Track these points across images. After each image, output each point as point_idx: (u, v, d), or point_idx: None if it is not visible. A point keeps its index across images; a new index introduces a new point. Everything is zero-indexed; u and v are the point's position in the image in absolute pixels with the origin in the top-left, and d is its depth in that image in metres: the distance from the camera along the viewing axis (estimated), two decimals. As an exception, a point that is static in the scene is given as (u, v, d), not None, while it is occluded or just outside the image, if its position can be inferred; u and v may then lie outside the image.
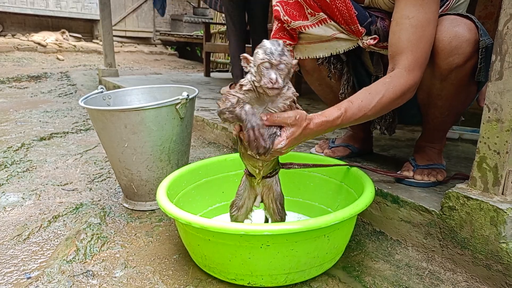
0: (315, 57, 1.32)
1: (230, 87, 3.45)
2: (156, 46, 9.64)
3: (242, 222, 1.17)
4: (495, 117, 1.00)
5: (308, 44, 1.30)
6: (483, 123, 1.02)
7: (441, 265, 1.12)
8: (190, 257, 1.19)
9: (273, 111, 0.95)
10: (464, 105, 1.25)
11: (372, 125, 1.51)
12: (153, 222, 1.45)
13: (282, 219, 1.16)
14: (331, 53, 1.28)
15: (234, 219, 1.18)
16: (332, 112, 1.01)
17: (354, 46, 1.23)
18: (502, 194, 1.02)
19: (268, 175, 1.12)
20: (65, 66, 6.56)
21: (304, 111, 0.98)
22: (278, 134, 0.94)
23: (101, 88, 1.64)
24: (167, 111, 1.40)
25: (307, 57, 1.33)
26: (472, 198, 1.03)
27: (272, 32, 1.34)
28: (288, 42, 1.30)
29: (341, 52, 1.27)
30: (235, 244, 0.97)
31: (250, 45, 3.60)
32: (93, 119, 1.47)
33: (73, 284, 1.08)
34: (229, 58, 3.50)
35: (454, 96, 1.18)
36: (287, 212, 1.43)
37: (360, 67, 1.42)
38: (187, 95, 1.42)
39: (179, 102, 1.40)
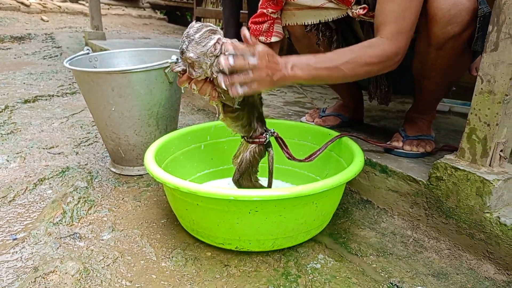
0: (303, 24, 1.29)
1: None
2: (144, 10, 9.33)
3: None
4: (488, 88, 0.99)
5: (297, 10, 1.27)
6: (475, 95, 1.02)
7: (425, 233, 1.15)
8: (178, 221, 1.19)
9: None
10: (458, 75, 1.24)
11: (370, 96, 1.49)
12: (141, 187, 1.45)
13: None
14: (319, 21, 1.26)
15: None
16: (308, 56, 1.03)
17: (343, 15, 1.21)
18: (489, 165, 1.03)
19: (251, 139, 1.12)
20: (49, 27, 6.33)
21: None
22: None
23: (87, 49, 1.58)
24: (156, 74, 1.37)
25: (295, 24, 1.30)
26: (459, 169, 1.03)
27: (260, 1, 1.30)
28: (271, 10, 1.28)
29: (329, 20, 1.24)
30: (223, 209, 0.97)
31: (246, 11, 3.51)
32: (79, 82, 1.43)
33: (60, 246, 1.08)
34: (221, 23, 3.40)
35: (449, 66, 1.16)
36: (275, 180, 1.44)
37: (351, 36, 1.39)
38: (177, 58, 1.37)
39: (168, 66, 1.36)
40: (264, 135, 1.13)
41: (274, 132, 1.16)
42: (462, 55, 1.14)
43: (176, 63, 1.00)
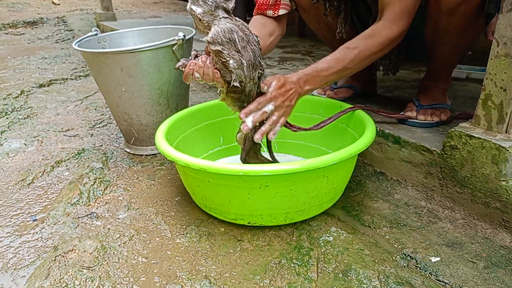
0: None
1: None
2: (154, -12, 9.22)
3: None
4: (504, 51, 0.95)
5: None
6: (491, 59, 0.98)
7: (439, 203, 1.13)
8: (191, 199, 1.20)
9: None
10: (472, 40, 1.19)
11: (375, 66, 1.45)
12: (155, 166, 1.46)
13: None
14: None
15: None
16: (313, 65, 1.07)
17: None
18: (506, 132, 1.00)
19: None
20: (61, 11, 6.34)
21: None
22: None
23: (95, 30, 1.58)
24: (164, 52, 1.36)
25: None
26: (474, 137, 1.01)
27: None
28: None
29: None
30: (234, 185, 0.98)
31: None
32: (89, 63, 1.43)
33: (78, 225, 1.11)
34: None
35: (462, 31, 1.12)
36: (287, 154, 1.43)
37: (360, 4, 1.34)
38: (184, 35, 1.36)
39: (176, 43, 1.35)
40: None
41: None
42: (475, 19, 1.09)
43: (179, 62, 1.03)
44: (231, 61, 0.94)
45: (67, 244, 1.03)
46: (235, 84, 0.97)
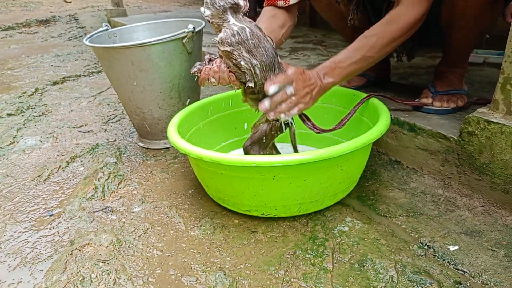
0: None
1: None
2: (164, -17, 9.22)
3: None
4: (523, 33, 0.92)
5: None
6: (510, 41, 0.94)
7: (457, 191, 1.11)
8: (205, 191, 1.20)
9: None
10: (489, 23, 1.15)
11: (396, 54, 1.42)
12: (168, 160, 1.47)
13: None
14: None
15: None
16: (334, 58, 1.04)
17: None
18: (526, 116, 0.96)
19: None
20: (73, 8, 6.40)
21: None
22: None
23: (106, 25, 1.58)
24: (174, 45, 1.35)
25: None
26: (493, 122, 0.98)
27: None
28: None
29: None
30: (247, 177, 0.97)
31: None
32: (100, 58, 1.44)
33: (93, 220, 1.12)
34: None
35: (479, 14, 1.08)
36: (302, 145, 1.41)
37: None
38: (193, 27, 1.35)
39: (185, 36, 1.34)
40: None
41: None
42: (492, 1, 1.06)
43: (193, 67, 1.03)
44: (242, 62, 0.93)
45: (83, 238, 1.04)
46: (250, 85, 0.96)
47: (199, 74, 1.01)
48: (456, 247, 0.93)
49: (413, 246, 0.94)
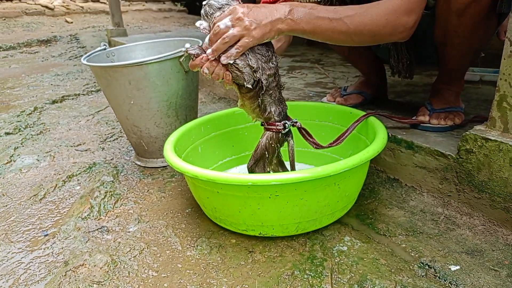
0: None
1: None
2: (164, 3, 9.38)
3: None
4: (518, 51, 0.92)
5: None
6: (504, 59, 0.95)
7: (457, 209, 1.10)
8: (202, 210, 1.19)
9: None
10: (484, 41, 1.16)
11: (392, 71, 1.41)
12: (165, 178, 1.46)
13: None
14: None
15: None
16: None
17: None
18: (524, 134, 0.96)
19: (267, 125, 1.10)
20: (74, 28, 6.48)
21: None
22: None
23: (104, 45, 1.60)
24: (171, 64, 1.36)
25: None
26: (490, 140, 0.97)
27: None
28: None
29: None
30: (243, 195, 0.96)
31: None
32: (97, 77, 1.44)
33: (88, 240, 1.10)
34: None
35: (473, 32, 1.09)
36: (299, 163, 1.41)
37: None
38: (190, 46, 1.36)
39: (182, 55, 1.35)
40: (282, 122, 1.08)
41: (296, 122, 1.10)
42: (486, 19, 1.07)
43: (191, 47, 1.02)
44: (238, 61, 0.94)
45: (77, 258, 1.02)
46: (248, 86, 0.97)
47: (193, 58, 0.99)
48: (458, 267, 0.91)
49: (413, 266, 0.92)
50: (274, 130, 1.08)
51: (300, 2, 1.04)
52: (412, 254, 0.97)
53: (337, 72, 2.30)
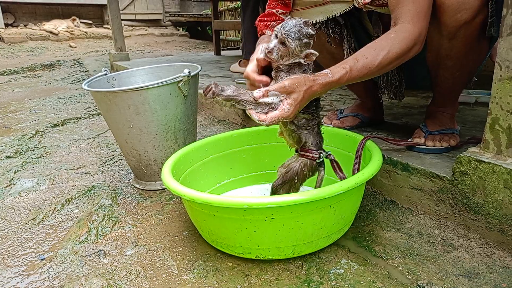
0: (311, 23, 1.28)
1: (239, 64, 3.40)
2: (166, 28, 9.58)
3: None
4: (507, 75, 0.94)
5: (304, 9, 1.25)
6: (495, 82, 0.97)
7: (454, 231, 1.09)
8: (199, 233, 1.19)
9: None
10: (476, 64, 1.19)
11: (380, 91, 1.45)
12: (163, 201, 1.46)
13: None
14: (327, 17, 1.24)
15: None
16: (337, 71, 0.97)
17: (350, 7, 1.18)
18: (517, 155, 0.97)
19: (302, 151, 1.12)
20: (77, 53, 6.61)
21: (304, 75, 0.96)
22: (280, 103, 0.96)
23: (105, 70, 1.63)
24: (170, 89, 1.39)
25: None
26: (484, 162, 0.98)
27: (268, 1, 1.30)
28: (280, 11, 1.27)
29: (337, 15, 1.22)
30: (239, 218, 0.96)
31: None
32: (98, 102, 1.47)
33: (85, 264, 1.10)
34: (241, 34, 3.36)
35: (465, 55, 1.12)
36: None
37: (360, 30, 1.36)
38: (189, 72, 1.39)
39: (181, 80, 1.38)
40: (318, 151, 1.10)
41: (330, 154, 1.13)
42: (477, 43, 1.09)
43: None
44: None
45: (73, 283, 1.01)
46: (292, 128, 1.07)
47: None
48: (454, 290, 0.90)
49: (410, 289, 0.92)
50: (309, 157, 1.10)
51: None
52: (409, 277, 0.96)
53: (334, 94, 2.33)
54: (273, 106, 0.95)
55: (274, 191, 1.16)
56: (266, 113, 0.95)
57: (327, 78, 0.96)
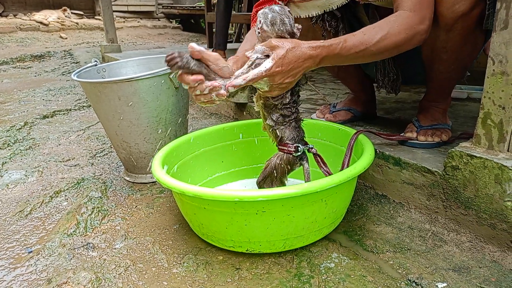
0: (307, 16, 1.26)
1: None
2: (159, 20, 9.48)
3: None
4: (500, 69, 0.94)
5: (300, 2, 1.24)
6: (487, 77, 0.97)
7: (444, 226, 1.10)
8: (189, 226, 1.18)
9: None
10: (471, 57, 1.18)
11: (378, 85, 1.44)
12: (154, 194, 1.45)
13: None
14: (324, 11, 1.22)
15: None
16: (330, 40, 0.95)
17: (347, 0, 1.17)
18: (508, 151, 0.97)
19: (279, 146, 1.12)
20: (68, 44, 6.51)
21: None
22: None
23: (95, 61, 1.60)
24: (161, 81, 1.37)
25: (300, 17, 1.27)
26: (476, 156, 0.98)
27: None
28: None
29: (334, 8, 1.21)
30: (230, 212, 0.95)
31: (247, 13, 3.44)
32: (87, 93, 1.44)
33: (73, 257, 1.09)
34: (215, 26, 3.27)
35: (460, 48, 1.11)
36: (290, 178, 1.41)
37: (356, 24, 1.35)
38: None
39: (172, 71, 1.36)
40: (294, 145, 1.09)
41: (312, 148, 1.12)
42: (473, 36, 1.09)
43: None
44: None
45: (61, 276, 1.00)
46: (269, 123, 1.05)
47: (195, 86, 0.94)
48: (445, 284, 0.91)
49: (400, 283, 0.92)
50: (285, 151, 1.09)
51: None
52: (400, 271, 0.96)
53: (327, 89, 2.32)
54: (257, 62, 0.93)
55: (259, 187, 1.16)
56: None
57: (318, 43, 0.94)
